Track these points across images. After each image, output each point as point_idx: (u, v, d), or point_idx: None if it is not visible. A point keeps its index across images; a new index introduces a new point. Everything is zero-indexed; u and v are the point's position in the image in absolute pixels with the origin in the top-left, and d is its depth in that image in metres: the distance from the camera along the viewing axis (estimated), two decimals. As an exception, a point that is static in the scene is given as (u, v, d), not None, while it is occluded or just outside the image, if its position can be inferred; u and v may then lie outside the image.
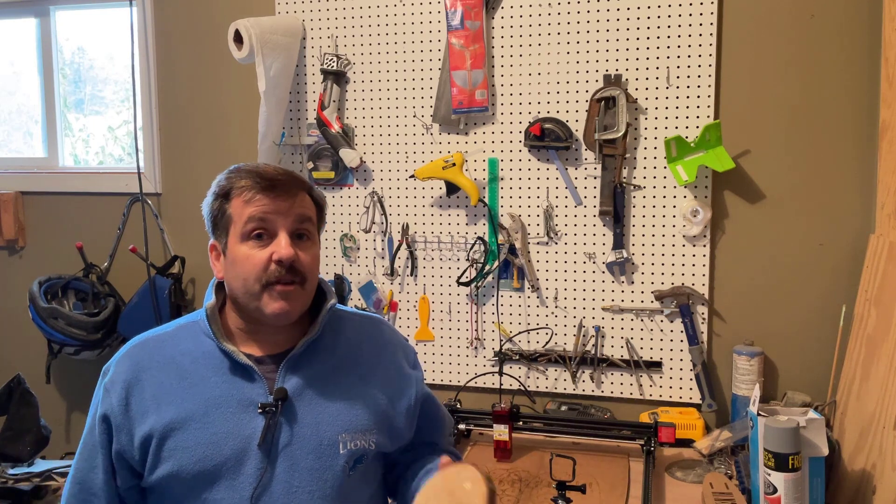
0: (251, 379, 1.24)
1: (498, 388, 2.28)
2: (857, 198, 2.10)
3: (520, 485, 1.90)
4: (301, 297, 1.25)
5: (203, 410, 1.21)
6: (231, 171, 1.27)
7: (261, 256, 1.22)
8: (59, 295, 2.69)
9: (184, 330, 1.31)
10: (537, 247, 2.31)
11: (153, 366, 1.26)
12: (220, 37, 2.43)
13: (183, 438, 1.20)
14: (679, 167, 2.11)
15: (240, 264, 1.23)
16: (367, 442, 1.27)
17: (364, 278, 2.46)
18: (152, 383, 1.24)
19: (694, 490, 1.85)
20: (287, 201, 1.23)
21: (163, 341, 1.30)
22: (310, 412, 1.24)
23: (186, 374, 1.24)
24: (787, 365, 2.19)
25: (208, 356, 1.26)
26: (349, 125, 2.44)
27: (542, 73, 2.26)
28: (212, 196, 1.27)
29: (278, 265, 1.21)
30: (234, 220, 1.24)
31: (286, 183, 1.24)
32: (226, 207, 1.25)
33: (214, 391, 1.23)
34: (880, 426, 1.70)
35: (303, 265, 1.24)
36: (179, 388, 1.23)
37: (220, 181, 1.27)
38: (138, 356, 1.28)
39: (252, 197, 1.22)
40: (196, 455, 1.19)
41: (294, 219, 1.24)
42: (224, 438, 1.20)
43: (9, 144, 3.06)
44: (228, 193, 1.24)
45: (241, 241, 1.23)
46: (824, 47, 2.09)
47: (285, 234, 1.23)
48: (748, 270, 2.19)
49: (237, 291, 1.25)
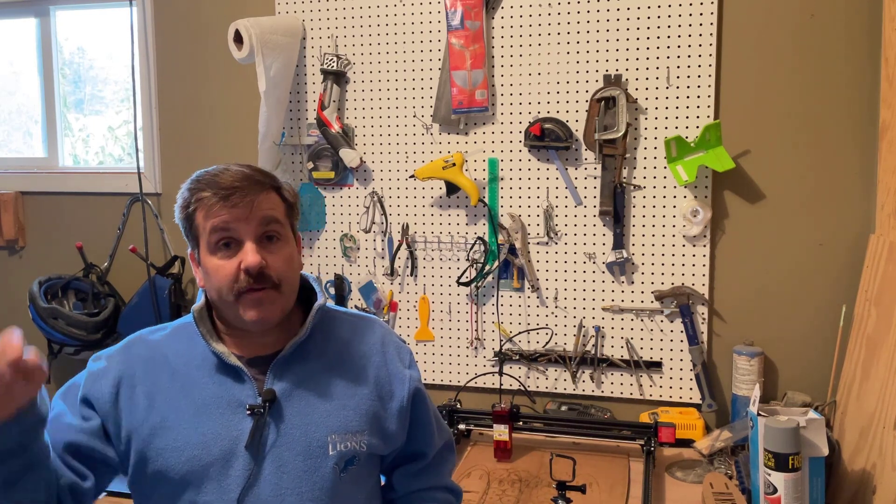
0: (241, 380, 1.23)
1: (498, 388, 2.28)
2: (857, 198, 2.10)
3: (520, 485, 1.90)
4: (278, 301, 1.23)
5: (193, 411, 1.21)
6: (191, 181, 1.25)
7: (230, 267, 1.20)
8: (59, 295, 2.69)
9: (179, 331, 1.31)
10: (537, 247, 2.31)
11: (147, 364, 1.26)
12: (220, 37, 2.43)
13: (172, 438, 1.20)
14: (679, 167, 2.11)
15: (212, 275, 1.22)
16: (358, 444, 1.25)
17: (364, 278, 2.46)
18: (145, 381, 1.24)
19: (694, 490, 1.85)
20: (247, 207, 1.20)
21: (159, 341, 1.29)
22: (298, 413, 1.23)
23: (178, 375, 1.24)
24: (787, 365, 2.19)
25: (200, 357, 1.25)
26: (349, 125, 2.44)
27: (542, 73, 2.26)
28: (178, 209, 1.25)
29: (247, 274, 1.19)
30: (200, 231, 1.22)
31: (244, 188, 1.21)
32: (192, 219, 1.23)
33: (204, 392, 1.23)
34: (880, 426, 1.70)
35: (272, 270, 1.21)
36: (171, 388, 1.23)
37: (182, 193, 1.25)
38: (134, 352, 1.28)
39: (211, 208, 1.20)
40: (185, 456, 1.19)
41: (258, 223, 1.21)
42: (213, 440, 1.20)
43: (9, 144, 3.06)
44: (190, 206, 1.23)
45: (211, 253, 1.21)
46: (824, 47, 2.09)
47: (250, 242, 1.20)
48: (748, 270, 2.19)
49: (215, 301, 1.24)
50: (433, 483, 1.43)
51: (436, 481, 1.44)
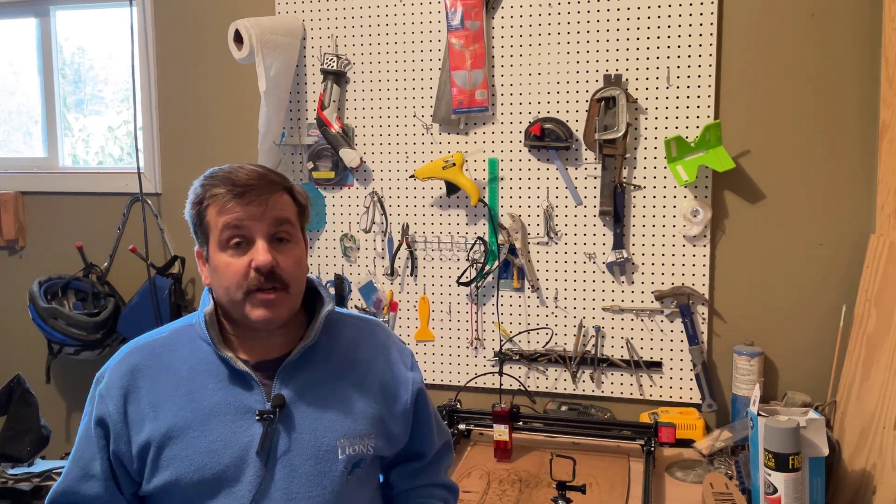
0: (248, 386, 1.23)
1: (498, 388, 2.28)
2: (857, 198, 2.10)
3: (520, 485, 1.90)
4: (286, 302, 1.23)
5: (201, 419, 1.20)
6: (205, 177, 1.24)
7: (240, 264, 1.20)
8: (59, 295, 2.69)
9: (179, 334, 1.29)
10: (537, 247, 2.31)
11: (150, 373, 1.24)
12: (220, 37, 2.43)
13: (181, 447, 1.19)
14: (679, 167, 2.11)
15: (221, 273, 1.21)
16: (365, 447, 1.26)
17: (364, 278, 2.46)
18: (149, 391, 1.22)
19: (694, 490, 1.85)
20: (261, 206, 1.20)
21: (158, 347, 1.27)
22: (307, 418, 1.23)
23: (183, 382, 1.23)
24: (787, 365, 2.19)
25: (205, 363, 1.24)
26: (349, 125, 2.43)
27: (542, 73, 2.26)
28: (189, 205, 1.25)
29: (257, 272, 1.19)
30: (211, 228, 1.22)
31: (259, 187, 1.21)
32: (203, 216, 1.23)
33: (212, 399, 1.22)
34: (880, 426, 1.70)
35: (283, 270, 1.21)
36: (177, 395, 1.22)
37: (195, 189, 1.25)
38: (134, 362, 1.26)
39: (225, 205, 1.20)
40: (195, 464, 1.18)
41: (270, 223, 1.21)
42: (223, 447, 1.19)
43: (9, 144, 3.06)
44: (202, 202, 1.22)
45: (221, 250, 1.21)
46: (824, 47, 2.09)
47: (262, 241, 1.20)
48: (748, 270, 2.18)
49: (222, 299, 1.24)
50: (430, 480, 1.44)
51: (433, 479, 1.45)
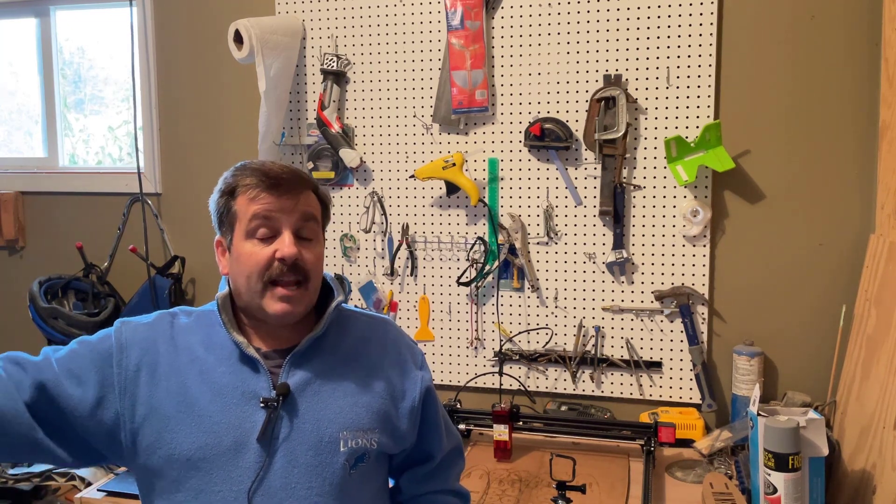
0: (257, 372, 1.25)
1: (498, 388, 2.28)
2: (857, 198, 2.10)
3: (520, 485, 1.90)
4: (304, 298, 1.26)
5: (208, 398, 1.22)
6: (237, 168, 1.29)
7: (264, 254, 1.23)
8: (59, 295, 2.69)
9: (203, 317, 1.32)
10: (537, 247, 2.31)
11: (171, 345, 1.27)
12: (220, 37, 2.43)
13: (185, 422, 1.21)
14: (679, 167, 2.11)
15: (244, 261, 1.24)
16: (368, 441, 1.27)
17: (364, 278, 2.46)
18: (165, 361, 1.25)
19: (694, 490, 1.85)
20: (291, 200, 1.25)
21: (184, 324, 1.31)
22: (311, 408, 1.25)
23: (197, 360, 1.25)
24: (787, 365, 2.19)
25: (219, 346, 1.27)
26: (349, 125, 2.44)
27: (542, 73, 2.26)
28: (218, 193, 1.29)
29: (281, 263, 1.22)
30: (238, 217, 1.25)
31: (291, 181, 1.25)
32: (231, 204, 1.26)
33: (221, 380, 1.24)
34: (880, 426, 1.70)
35: (306, 264, 1.25)
36: (190, 371, 1.24)
37: (226, 178, 1.28)
38: (161, 330, 1.29)
39: (257, 195, 1.24)
40: (196, 442, 1.20)
41: (298, 217, 1.25)
42: (225, 429, 1.21)
43: (9, 144, 3.06)
44: (234, 191, 1.26)
45: (246, 239, 1.25)
46: (824, 47, 2.09)
47: (289, 233, 1.24)
48: (748, 270, 2.19)
49: (241, 288, 1.26)
50: (441, 486, 1.44)
51: (443, 485, 1.44)
